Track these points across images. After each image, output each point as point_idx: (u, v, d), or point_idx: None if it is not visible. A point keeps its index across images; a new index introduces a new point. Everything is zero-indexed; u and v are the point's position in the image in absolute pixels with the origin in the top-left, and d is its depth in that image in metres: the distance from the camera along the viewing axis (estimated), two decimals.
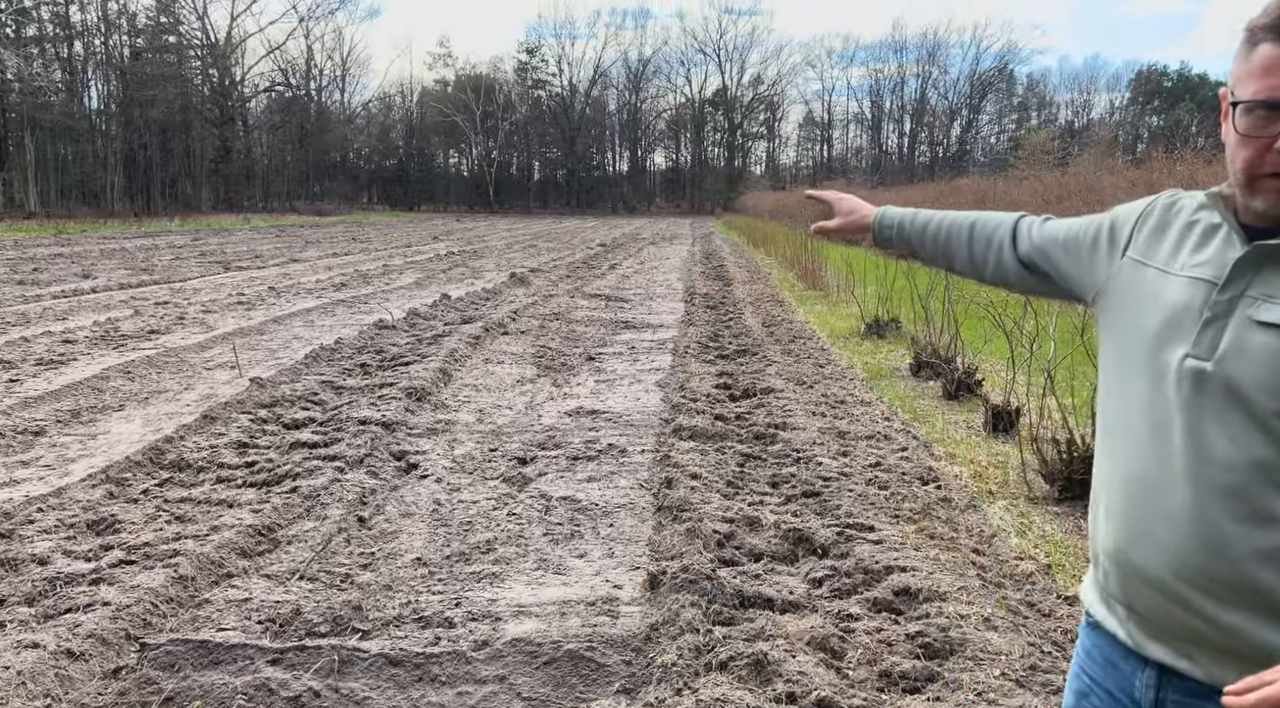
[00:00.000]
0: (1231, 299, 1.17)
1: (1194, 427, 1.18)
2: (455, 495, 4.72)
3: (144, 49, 53.47)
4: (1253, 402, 1.13)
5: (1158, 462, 1.22)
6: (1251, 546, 1.13)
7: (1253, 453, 1.13)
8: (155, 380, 7.43)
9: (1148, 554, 1.22)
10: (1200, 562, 1.17)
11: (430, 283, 15.55)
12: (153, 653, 3.04)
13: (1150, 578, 1.23)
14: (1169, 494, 1.20)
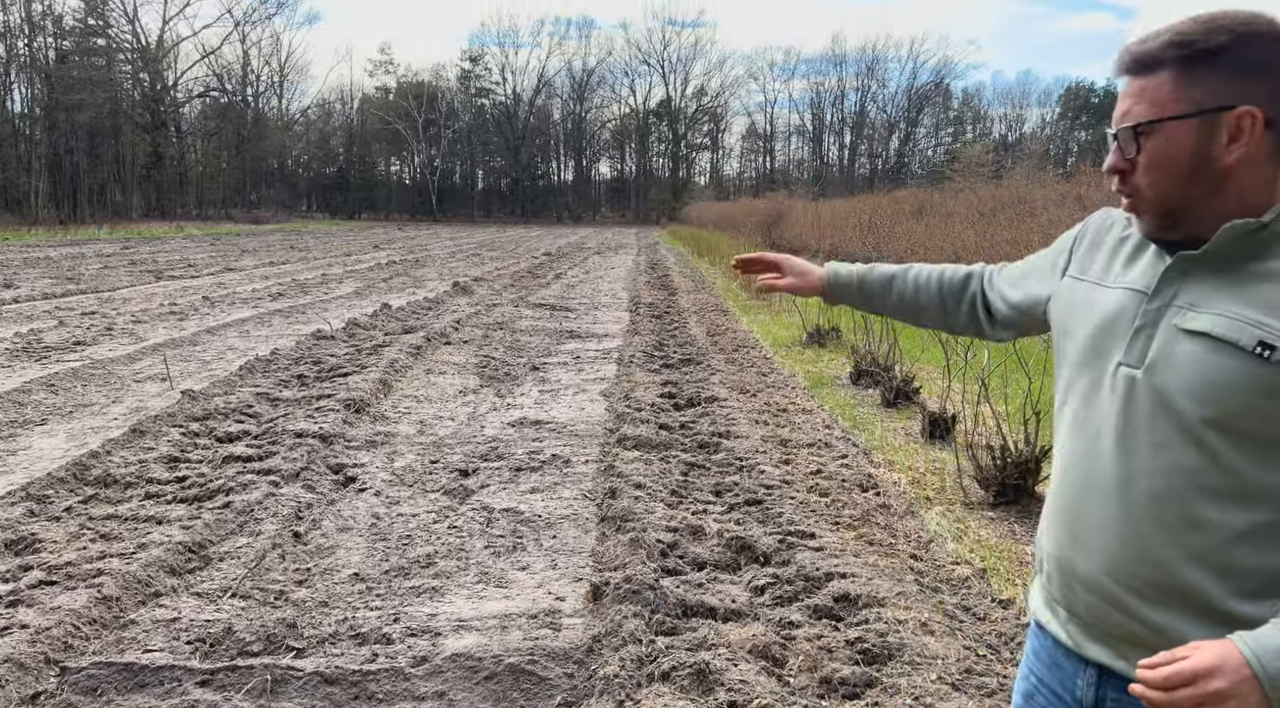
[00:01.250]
0: (1159, 308, 1.21)
1: (1124, 433, 1.21)
2: (395, 509, 4.64)
3: (71, 51, 51.77)
4: (1179, 409, 1.16)
5: (1093, 468, 1.25)
6: (1180, 549, 1.16)
7: (1179, 459, 1.16)
8: (80, 393, 7.18)
9: (1085, 559, 1.26)
10: (1132, 566, 1.21)
11: (370, 292, 15.32)
12: (74, 677, 2.92)
13: (1087, 582, 1.27)
14: (1103, 500, 1.24)
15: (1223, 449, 1.14)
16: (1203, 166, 1.17)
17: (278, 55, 70.59)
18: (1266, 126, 1.15)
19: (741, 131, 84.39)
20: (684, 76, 78.23)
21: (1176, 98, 1.17)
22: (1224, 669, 1.04)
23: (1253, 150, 1.15)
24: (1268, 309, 1.13)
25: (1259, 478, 1.13)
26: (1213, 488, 1.15)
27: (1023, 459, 4.68)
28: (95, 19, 52.95)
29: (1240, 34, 1.15)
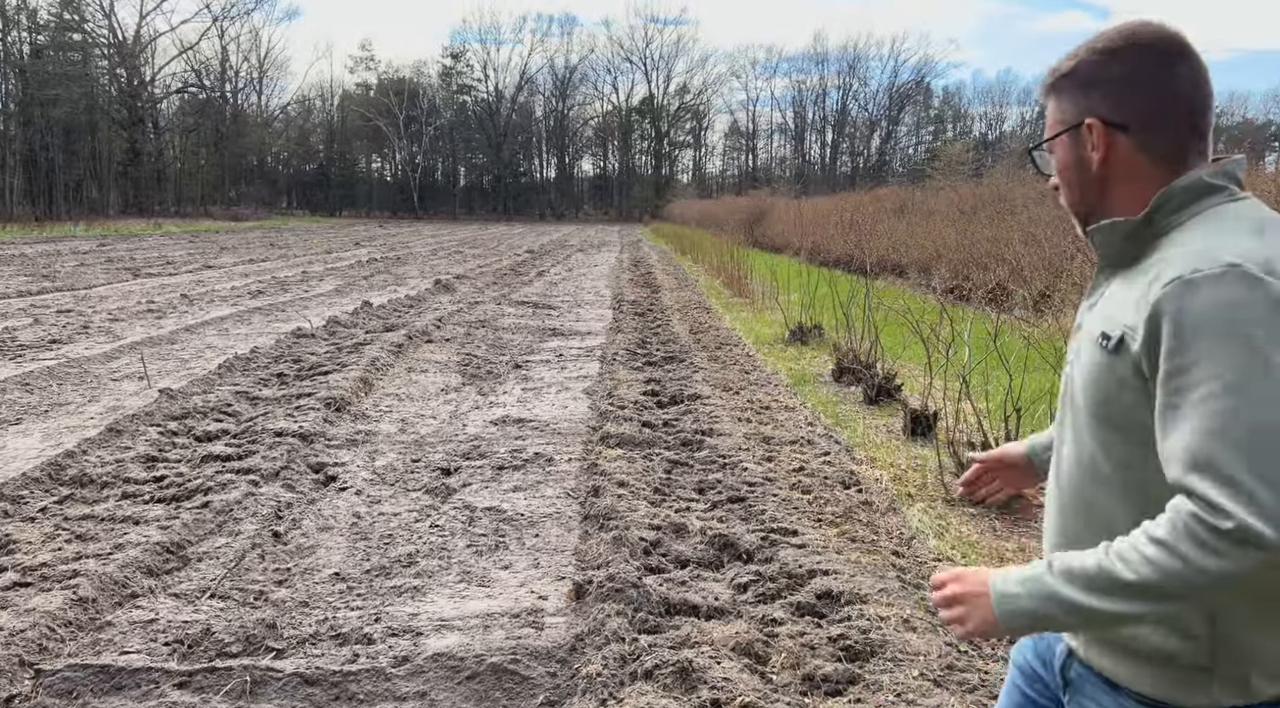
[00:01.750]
0: (1088, 307, 1.33)
1: (1060, 429, 1.34)
2: (376, 508, 4.61)
3: (46, 46, 51.09)
4: (1079, 403, 1.26)
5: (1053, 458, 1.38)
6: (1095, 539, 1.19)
7: (1083, 452, 1.26)
8: (56, 392, 7.09)
9: (1045, 543, 1.38)
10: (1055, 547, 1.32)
11: (351, 290, 15.22)
12: (49, 680, 2.88)
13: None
14: (1049, 493, 1.37)
15: (1111, 441, 1.21)
16: (1085, 175, 1.28)
17: (257, 51, 69.76)
18: (1118, 130, 1.24)
19: (724, 129, 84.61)
20: (666, 74, 78.28)
21: (1056, 119, 1.31)
22: (966, 578, 1.24)
23: (1112, 154, 1.25)
24: (1121, 303, 1.20)
25: (1135, 465, 1.19)
26: (1108, 479, 1.22)
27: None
28: (71, 13, 52.27)
29: (1083, 55, 1.27)
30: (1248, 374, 1.04)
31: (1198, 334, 1.07)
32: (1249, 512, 1.01)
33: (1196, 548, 1.03)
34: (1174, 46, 1.23)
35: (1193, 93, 1.23)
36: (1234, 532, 1.01)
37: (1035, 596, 1.15)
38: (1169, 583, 1.06)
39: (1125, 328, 1.16)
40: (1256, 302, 1.06)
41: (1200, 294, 1.08)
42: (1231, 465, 1.03)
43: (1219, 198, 1.21)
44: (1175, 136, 1.23)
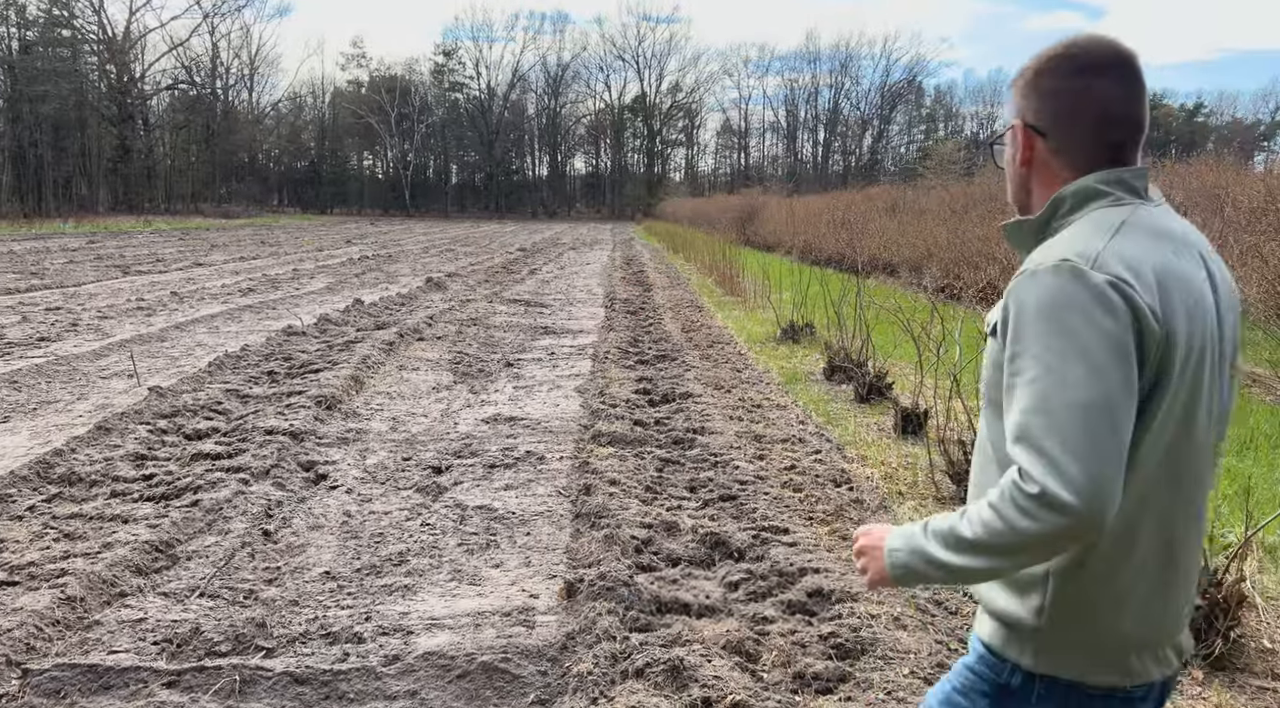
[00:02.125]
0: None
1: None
2: (366, 506, 4.60)
3: (34, 42, 50.73)
4: (980, 391, 1.39)
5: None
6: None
7: (982, 432, 1.39)
8: (45, 390, 7.04)
9: None
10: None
11: (343, 288, 15.17)
12: (36, 679, 2.87)
13: None
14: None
15: (991, 421, 1.34)
16: (1015, 173, 1.41)
17: (248, 48, 69.41)
18: (1037, 134, 1.36)
19: (716, 128, 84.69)
20: (659, 72, 78.25)
21: (1009, 114, 1.43)
22: (872, 532, 1.37)
23: (1032, 156, 1.37)
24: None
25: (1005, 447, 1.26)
26: (988, 460, 1.35)
27: None
28: (60, 9, 51.95)
29: (1030, 63, 1.38)
30: (1064, 358, 1.16)
31: (1029, 322, 1.20)
32: (1054, 479, 1.12)
33: (1014, 510, 1.15)
34: (1101, 62, 1.31)
35: (1107, 107, 1.31)
36: (1040, 496, 1.12)
37: (909, 550, 1.28)
38: (995, 541, 1.17)
39: (996, 318, 1.29)
40: (1078, 293, 1.17)
41: (1034, 284, 1.21)
42: (1043, 438, 1.14)
43: (1103, 202, 1.30)
44: (1084, 145, 1.33)
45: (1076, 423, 1.13)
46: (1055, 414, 1.14)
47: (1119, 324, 1.16)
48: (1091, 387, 1.14)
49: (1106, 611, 1.26)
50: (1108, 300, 1.17)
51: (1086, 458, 1.12)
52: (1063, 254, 1.21)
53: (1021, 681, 1.30)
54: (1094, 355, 1.15)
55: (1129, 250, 1.22)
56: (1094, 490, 1.12)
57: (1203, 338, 1.24)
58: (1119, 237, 1.24)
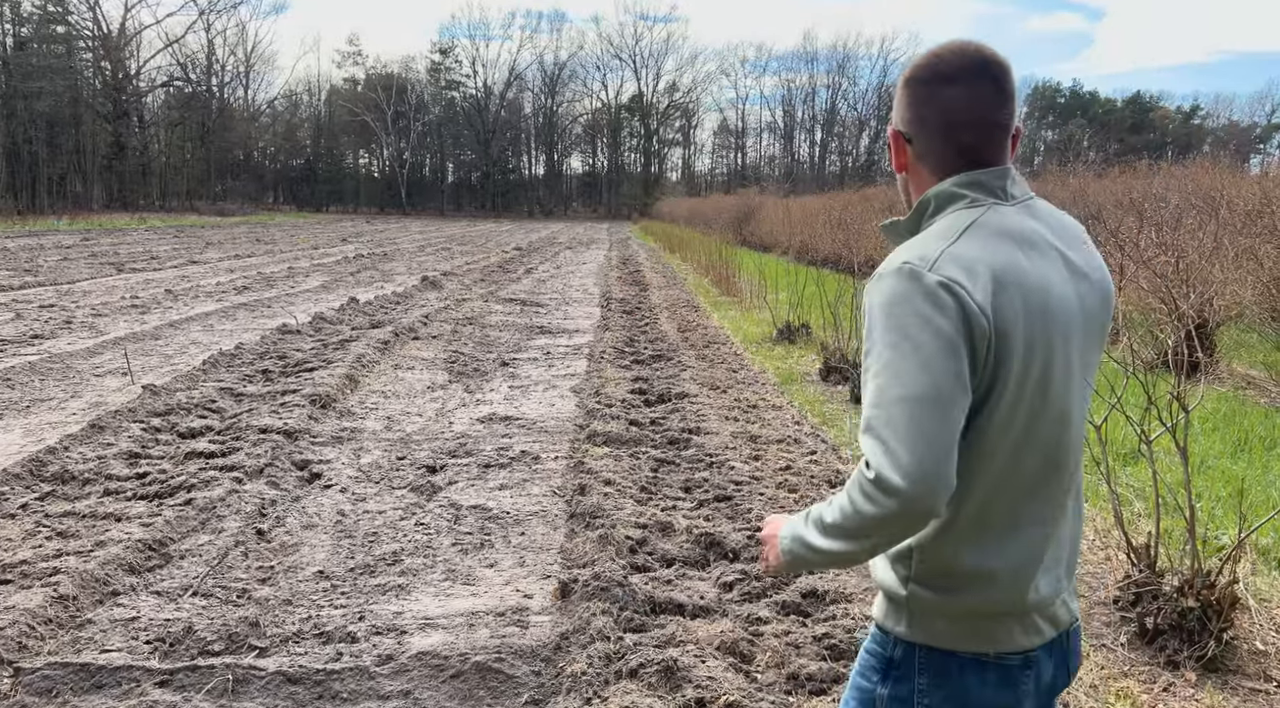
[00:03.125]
0: None
1: None
2: (360, 506, 4.59)
3: (29, 38, 50.53)
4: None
5: None
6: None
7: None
8: (38, 388, 7.02)
9: None
10: None
11: (338, 286, 15.14)
12: (28, 678, 2.86)
13: None
14: None
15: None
16: (898, 176, 1.49)
17: (243, 45, 69.22)
18: (906, 141, 1.42)
19: (713, 128, 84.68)
20: (656, 72, 78.25)
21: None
22: (772, 522, 1.46)
23: (905, 161, 1.44)
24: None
25: None
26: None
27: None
28: (54, 5, 51.76)
29: (906, 72, 1.43)
30: (899, 353, 1.24)
31: (873, 321, 1.28)
32: (887, 465, 1.20)
33: (860, 495, 1.24)
34: (952, 70, 1.37)
35: (959, 113, 1.37)
36: (876, 481, 1.21)
37: (793, 537, 1.37)
38: (849, 524, 1.27)
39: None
40: (913, 293, 1.25)
41: (878, 288, 1.29)
42: (881, 428, 1.23)
43: (959, 205, 1.37)
44: (938, 150, 1.40)
45: (907, 414, 1.21)
46: (890, 406, 1.22)
47: (949, 322, 1.23)
48: (921, 381, 1.22)
49: (963, 582, 1.34)
50: (938, 300, 1.24)
51: (915, 446, 1.20)
52: (905, 257, 1.29)
53: (904, 652, 1.38)
54: (924, 351, 1.23)
55: (967, 252, 1.28)
56: (921, 475, 1.19)
57: (1048, 332, 1.30)
58: (962, 239, 1.30)
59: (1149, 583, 3.30)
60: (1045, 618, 1.39)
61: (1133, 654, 3.17)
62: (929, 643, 1.36)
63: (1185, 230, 8.69)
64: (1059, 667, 1.44)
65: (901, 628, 1.38)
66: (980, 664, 1.35)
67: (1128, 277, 7.02)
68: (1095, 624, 3.39)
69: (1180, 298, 6.07)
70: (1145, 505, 4.54)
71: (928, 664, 1.37)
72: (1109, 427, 4.06)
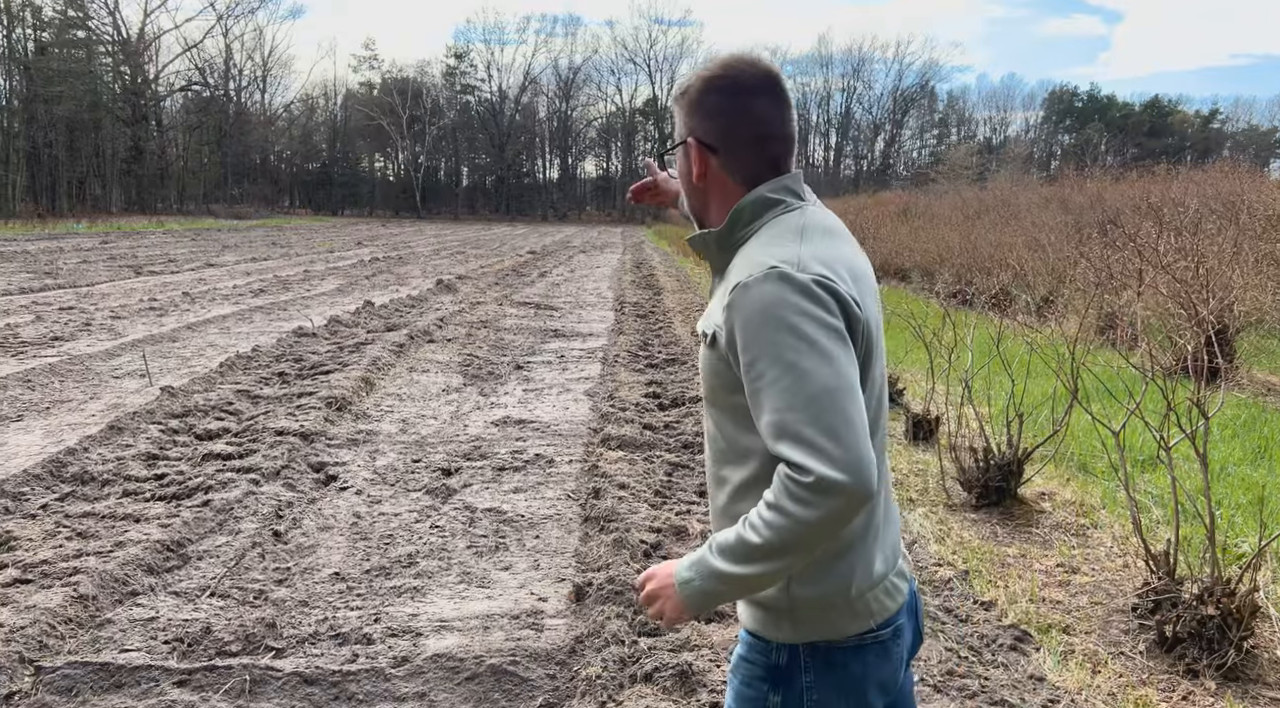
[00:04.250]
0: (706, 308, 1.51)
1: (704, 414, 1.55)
2: (376, 508, 4.61)
3: (50, 43, 51.11)
4: (701, 391, 1.47)
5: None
6: (715, 502, 1.47)
7: (707, 429, 1.48)
8: (58, 389, 7.09)
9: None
10: (710, 512, 1.51)
11: (353, 289, 15.22)
12: (49, 677, 2.88)
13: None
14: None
15: (718, 419, 1.43)
16: (691, 187, 1.49)
17: (261, 49, 69.86)
18: (710, 151, 1.43)
19: None
20: (670, 75, 78.20)
21: (678, 130, 1.49)
22: (658, 575, 1.39)
23: (707, 171, 1.45)
24: (714, 305, 1.41)
25: (739, 440, 1.39)
26: (721, 451, 1.43)
27: (1005, 461, 4.70)
28: (75, 10, 52.32)
29: (692, 81, 1.45)
30: (796, 352, 1.25)
31: (755, 328, 1.28)
32: (822, 464, 1.20)
33: (794, 502, 1.22)
34: (758, 83, 1.42)
35: (768, 124, 1.43)
36: (815, 483, 1.20)
37: (703, 575, 1.32)
38: (785, 538, 1.23)
39: (716, 326, 1.36)
40: (790, 294, 1.28)
41: (750, 295, 1.29)
42: (802, 429, 1.22)
43: (778, 211, 1.42)
44: (751, 160, 1.43)
45: (824, 408, 1.22)
46: (805, 406, 1.23)
47: (832, 314, 1.28)
48: (826, 373, 1.24)
49: (839, 566, 1.36)
50: (816, 295, 1.28)
51: (842, 436, 1.21)
52: (768, 262, 1.31)
53: (788, 657, 1.39)
54: (819, 345, 1.25)
55: (820, 251, 1.34)
56: (856, 463, 1.21)
57: (874, 309, 1.41)
58: (806, 241, 1.36)
59: (1168, 591, 3.28)
60: (898, 575, 1.45)
61: (1151, 663, 3.14)
62: (814, 639, 1.38)
63: (1205, 235, 8.62)
64: (913, 627, 1.51)
65: (784, 633, 1.39)
66: (860, 648, 1.39)
67: (1146, 282, 6.98)
68: (1114, 632, 3.37)
69: (1200, 303, 6.02)
70: (1163, 512, 4.50)
71: (812, 661, 1.39)
72: (1126, 432, 4.03)
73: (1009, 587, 3.73)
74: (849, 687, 1.39)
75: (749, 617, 1.43)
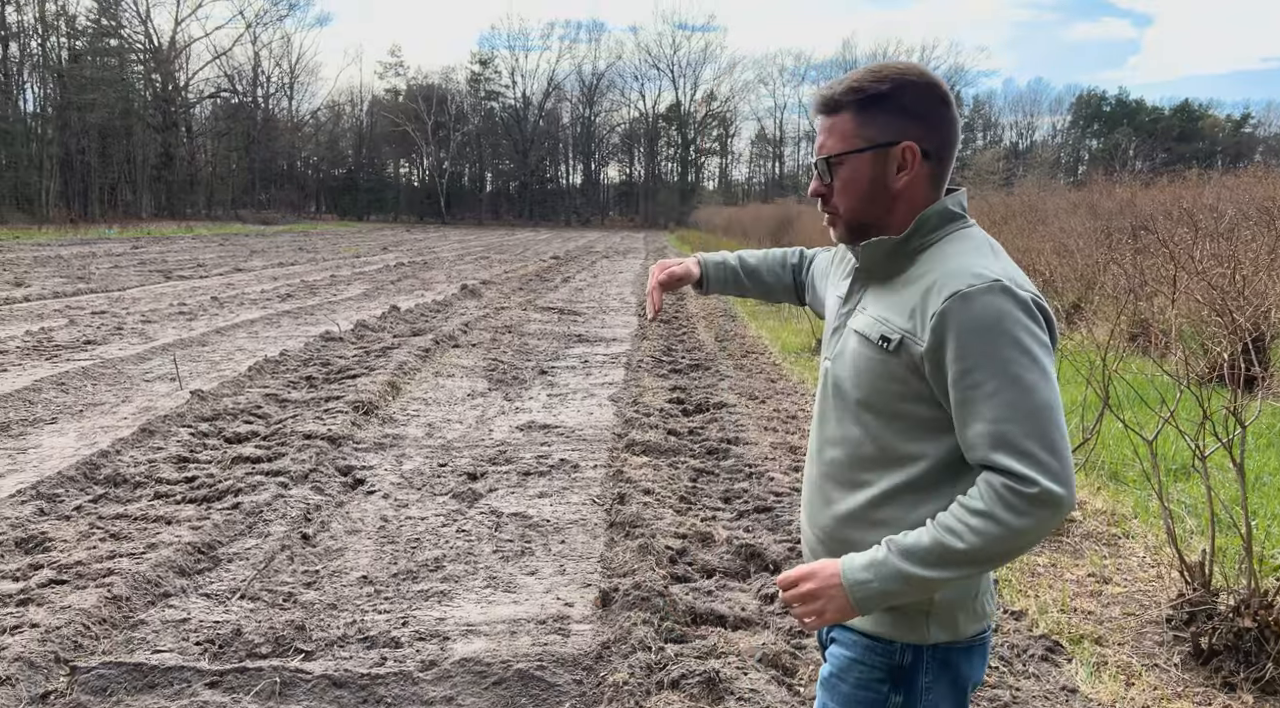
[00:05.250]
0: (848, 312, 1.52)
1: (822, 410, 1.54)
2: (403, 512, 4.64)
3: (84, 51, 52.01)
4: (845, 392, 1.47)
5: (811, 438, 1.59)
6: (846, 505, 1.46)
7: (848, 432, 1.47)
8: (90, 392, 7.20)
9: (804, 517, 1.58)
10: (819, 518, 1.52)
11: (379, 294, 15.34)
12: (84, 677, 2.92)
13: (803, 530, 1.60)
14: (809, 463, 1.58)
15: (873, 424, 1.42)
16: (880, 191, 1.44)
17: (288, 57, 70.64)
18: (925, 157, 1.42)
19: (751, 136, 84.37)
20: (694, 81, 78.29)
21: (858, 135, 1.43)
22: (818, 574, 1.38)
23: (915, 176, 1.43)
24: (893, 310, 1.41)
25: (899, 447, 1.40)
26: (867, 457, 1.43)
27: None
28: (108, 19, 53.22)
29: (898, 82, 1.41)
30: (1020, 366, 1.27)
31: (977, 338, 1.29)
32: (1047, 478, 1.24)
33: (1010, 512, 1.26)
34: (949, 93, 1.46)
35: (959, 141, 1.48)
36: (1039, 495, 1.24)
37: (884, 578, 1.33)
38: (993, 546, 1.27)
39: (904, 333, 1.37)
40: (1015, 309, 1.30)
41: (973, 305, 1.30)
42: (1024, 441, 1.26)
43: (959, 224, 1.44)
44: (948, 172, 1.46)
45: (1046, 422, 1.27)
46: (1027, 419, 1.26)
47: (1045, 332, 1.32)
48: (1046, 389, 1.28)
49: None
50: (1034, 314, 1.31)
51: (1061, 451, 1.27)
52: (987, 275, 1.32)
53: (913, 657, 1.43)
54: (1040, 361, 1.29)
55: (1015, 270, 1.37)
56: (1070, 478, 1.26)
57: None
58: (1000, 258, 1.39)
59: (1203, 602, 3.23)
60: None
61: (1186, 675, 3.09)
62: (942, 639, 1.42)
63: (1240, 241, 8.50)
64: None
65: (918, 634, 1.42)
66: (969, 648, 1.45)
67: (1180, 288, 6.88)
68: (1147, 644, 3.32)
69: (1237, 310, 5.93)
70: (1198, 522, 4.43)
71: (932, 662, 1.43)
72: (1159, 441, 3.97)
73: (1039, 596, 3.69)
74: (958, 686, 1.45)
75: (876, 620, 1.44)
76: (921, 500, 1.39)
